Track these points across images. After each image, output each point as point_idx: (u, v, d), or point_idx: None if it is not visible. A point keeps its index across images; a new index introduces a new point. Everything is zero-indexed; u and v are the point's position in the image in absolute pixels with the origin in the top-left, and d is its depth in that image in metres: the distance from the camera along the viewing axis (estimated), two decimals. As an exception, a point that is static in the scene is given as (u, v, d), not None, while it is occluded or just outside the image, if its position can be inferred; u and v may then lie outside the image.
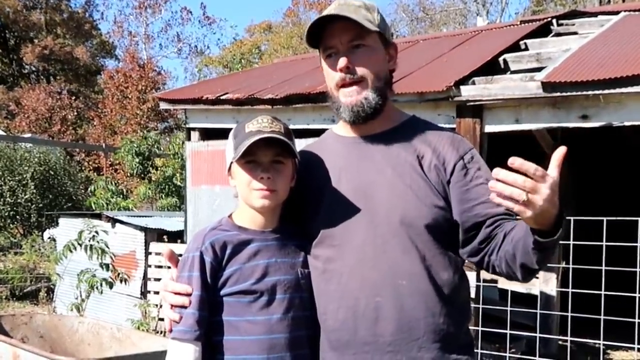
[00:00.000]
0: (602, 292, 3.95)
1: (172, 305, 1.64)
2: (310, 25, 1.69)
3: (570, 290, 4.30)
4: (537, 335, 4.46)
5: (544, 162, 1.35)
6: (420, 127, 1.79)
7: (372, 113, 1.70)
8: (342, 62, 1.67)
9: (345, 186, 1.71)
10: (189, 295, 1.62)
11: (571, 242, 4.26)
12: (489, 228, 1.63)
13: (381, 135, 1.75)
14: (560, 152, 1.36)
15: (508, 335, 4.41)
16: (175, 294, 1.64)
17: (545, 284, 5.61)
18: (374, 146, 1.74)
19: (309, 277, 1.72)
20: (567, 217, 1.46)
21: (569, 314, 4.18)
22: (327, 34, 1.69)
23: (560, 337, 5.10)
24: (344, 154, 1.77)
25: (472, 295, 4.17)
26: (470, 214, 1.65)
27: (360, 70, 1.68)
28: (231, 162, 1.69)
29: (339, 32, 1.68)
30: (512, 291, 4.66)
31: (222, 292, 1.64)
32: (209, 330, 1.63)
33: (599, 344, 4.04)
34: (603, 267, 3.97)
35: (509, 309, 4.42)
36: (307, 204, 1.75)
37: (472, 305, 4.14)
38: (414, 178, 1.67)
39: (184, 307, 1.61)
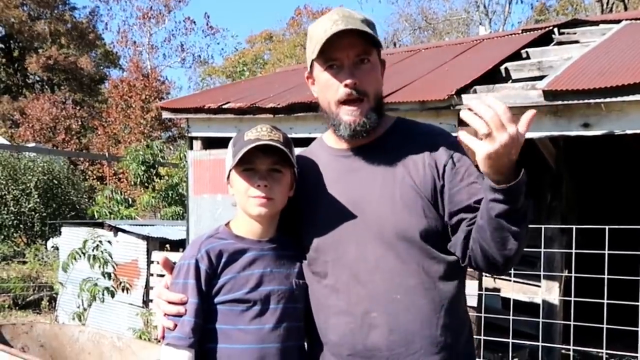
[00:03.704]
0: (605, 301, 3.94)
1: (165, 313, 1.64)
2: (325, 41, 1.61)
3: (572, 299, 4.29)
4: (540, 344, 4.44)
5: (547, 173, 1.36)
6: (407, 130, 1.78)
7: (370, 131, 1.69)
8: (350, 78, 1.63)
9: (337, 199, 1.70)
10: (183, 304, 1.61)
11: (574, 251, 4.25)
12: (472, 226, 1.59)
13: (369, 145, 1.73)
14: (530, 114, 1.40)
15: (510, 344, 4.39)
16: (169, 302, 1.63)
17: (548, 292, 5.59)
18: (363, 158, 1.72)
19: (304, 288, 1.71)
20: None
21: (572, 323, 4.16)
22: (334, 46, 1.63)
23: (563, 346, 5.06)
24: (333, 167, 1.75)
25: (475, 304, 4.15)
26: (459, 216, 1.63)
27: (365, 87, 1.66)
28: (230, 170, 1.69)
29: (346, 46, 1.63)
30: (514, 300, 4.64)
31: (216, 300, 1.64)
32: (202, 338, 1.63)
33: (602, 352, 4.01)
34: (606, 276, 3.95)
35: (511, 317, 4.40)
36: (301, 216, 1.74)
37: (475, 314, 4.13)
38: (403, 188, 1.66)
39: (178, 315, 1.61)
